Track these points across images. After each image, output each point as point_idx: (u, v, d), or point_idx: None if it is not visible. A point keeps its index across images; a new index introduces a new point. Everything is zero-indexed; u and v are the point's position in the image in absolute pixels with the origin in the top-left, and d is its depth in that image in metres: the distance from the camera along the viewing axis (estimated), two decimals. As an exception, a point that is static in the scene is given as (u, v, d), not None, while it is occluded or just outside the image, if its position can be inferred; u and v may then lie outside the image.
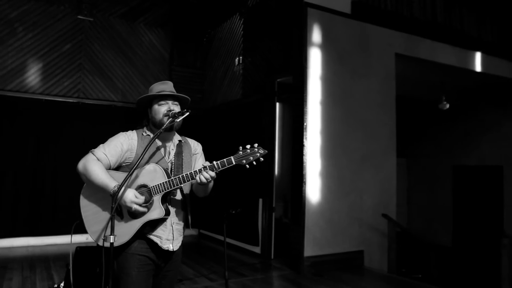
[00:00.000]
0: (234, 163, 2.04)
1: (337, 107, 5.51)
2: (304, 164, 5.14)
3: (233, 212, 3.38)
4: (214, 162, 2.06)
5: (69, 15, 6.97)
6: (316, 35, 5.34)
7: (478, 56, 7.20)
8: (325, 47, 5.42)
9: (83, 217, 2.21)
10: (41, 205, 6.58)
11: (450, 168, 9.69)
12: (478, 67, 7.19)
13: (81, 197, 2.22)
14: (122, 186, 1.92)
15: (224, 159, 2.05)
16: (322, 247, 5.21)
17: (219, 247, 6.61)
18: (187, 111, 2.10)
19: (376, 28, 5.91)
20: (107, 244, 2.02)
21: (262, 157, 2.05)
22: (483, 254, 8.31)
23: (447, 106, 8.34)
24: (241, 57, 6.78)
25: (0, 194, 6.27)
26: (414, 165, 10.51)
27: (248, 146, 2.05)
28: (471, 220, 9.22)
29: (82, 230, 6.17)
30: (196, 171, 2.07)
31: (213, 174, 2.06)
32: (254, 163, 2.05)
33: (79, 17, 7.01)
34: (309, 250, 5.11)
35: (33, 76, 6.69)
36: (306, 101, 5.20)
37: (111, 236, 1.83)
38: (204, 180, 2.05)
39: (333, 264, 5.26)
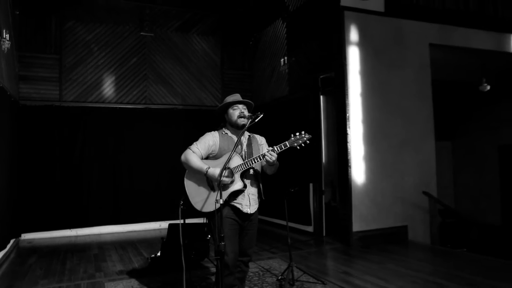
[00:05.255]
0: (288, 145, 2.85)
1: (376, 97, 6.10)
2: (348, 150, 5.81)
3: (292, 190, 4.16)
4: (274, 146, 2.86)
5: (133, 33, 8.03)
6: (353, 34, 5.96)
7: (515, 38, 7.46)
8: (362, 44, 6.02)
9: (187, 193, 3.05)
10: (120, 198, 7.68)
11: (496, 148, 9.86)
12: (516, 49, 7.45)
13: (185, 179, 3.07)
14: (223, 170, 2.73)
15: (281, 144, 2.85)
16: (368, 223, 5.86)
17: (276, 230, 7.41)
18: (261, 114, 2.89)
19: (409, 22, 6.42)
20: (206, 209, 2.91)
21: (308, 140, 2.85)
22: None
23: (488, 87, 8.61)
24: (286, 58, 7.50)
25: (89, 189, 7.44)
26: (459, 148, 10.75)
27: (297, 133, 2.85)
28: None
29: (157, 218, 7.22)
30: (262, 154, 2.86)
31: (275, 154, 2.85)
32: (303, 145, 2.86)
33: (141, 33, 8.05)
34: (357, 225, 5.78)
35: (108, 88, 7.80)
36: (347, 94, 5.85)
37: (220, 200, 2.59)
38: (269, 159, 2.84)
39: (379, 238, 5.89)
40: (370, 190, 5.94)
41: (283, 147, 2.84)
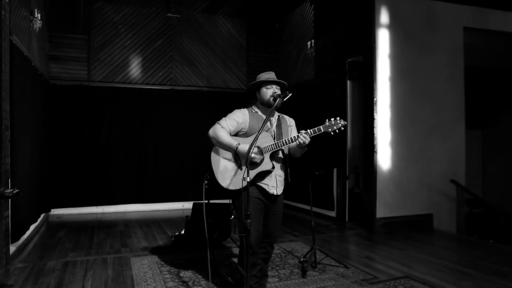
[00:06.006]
0: (322, 130, 2.82)
1: (405, 82, 5.94)
2: (374, 136, 5.71)
3: (317, 173, 4.13)
4: (308, 130, 2.82)
5: (159, 14, 8.04)
6: (383, 16, 5.79)
7: (555, 22, 7.07)
8: (393, 27, 5.85)
9: (213, 169, 3.03)
10: (145, 178, 7.82)
11: (529, 138, 9.50)
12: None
13: (212, 155, 3.05)
14: (251, 147, 2.63)
15: (315, 128, 2.81)
16: (393, 209, 5.78)
17: (298, 214, 7.42)
18: (290, 93, 2.85)
19: (443, 4, 6.17)
20: (232, 187, 2.92)
21: (343, 126, 2.80)
22: None
23: (523, 75, 8.25)
24: (313, 40, 7.37)
25: (115, 169, 7.60)
26: (491, 137, 10.39)
27: (332, 119, 2.80)
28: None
29: (181, 199, 7.30)
30: (295, 136, 2.83)
31: (308, 137, 2.82)
32: (337, 131, 2.81)
33: (168, 15, 8.05)
34: (381, 212, 5.71)
35: (134, 69, 7.89)
36: (375, 79, 5.72)
37: (248, 178, 2.50)
38: (302, 142, 2.81)
39: (403, 225, 5.81)
40: (396, 176, 5.84)
41: (317, 131, 2.80)
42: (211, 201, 4.31)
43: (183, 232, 4.72)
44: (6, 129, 4.27)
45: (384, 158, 5.77)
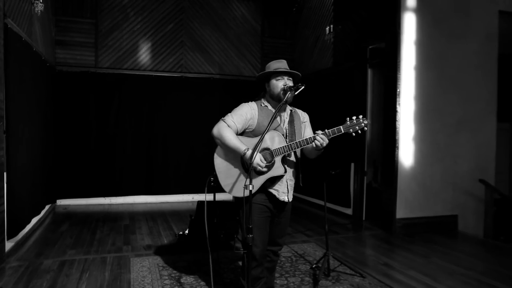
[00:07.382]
0: (343, 131, 2.44)
1: (432, 71, 5.44)
2: (397, 130, 5.26)
3: (333, 172, 3.75)
4: (326, 130, 2.45)
5: (171, -3, 7.65)
6: (410, -1, 5.28)
7: None
8: (420, 10, 5.33)
9: (217, 173, 2.65)
10: (154, 169, 7.54)
11: None
12: None
13: (215, 156, 2.66)
14: (255, 151, 2.31)
15: (335, 128, 2.43)
16: (414, 209, 5.36)
17: (313, 209, 7.06)
18: (302, 85, 2.46)
19: (477, -14, 5.61)
20: (237, 194, 2.56)
21: (366, 126, 2.40)
22: None
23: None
24: (331, 26, 6.88)
25: (123, 158, 7.34)
26: (520, 130, 9.75)
27: (354, 117, 2.42)
28: None
29: (190, 191, 7.00)
30: (311, 137, 2.45)
31: (326, 139, 2.44)
32: (359, 132, 2.43)
33: (179, -3, 7.66)
34: (401, 212, 5.29)
35: (143, 55, 7.55)
36: (399, 67, 5.24)
37: (250, 185, 2.16)
38: (319, 144, 2.43)
39: (425, 226, 5.39)
40: (419, 174, 5.39)
41: (336, 132, 2.44)
42: (216, 199, 3.99)
43: (187, 231, 4.42)
44: (1, 120, 4.01)
45: (406, 154, 5.33)
